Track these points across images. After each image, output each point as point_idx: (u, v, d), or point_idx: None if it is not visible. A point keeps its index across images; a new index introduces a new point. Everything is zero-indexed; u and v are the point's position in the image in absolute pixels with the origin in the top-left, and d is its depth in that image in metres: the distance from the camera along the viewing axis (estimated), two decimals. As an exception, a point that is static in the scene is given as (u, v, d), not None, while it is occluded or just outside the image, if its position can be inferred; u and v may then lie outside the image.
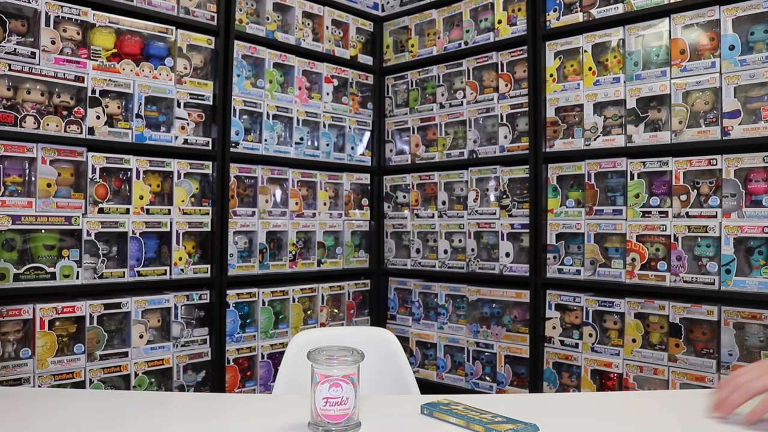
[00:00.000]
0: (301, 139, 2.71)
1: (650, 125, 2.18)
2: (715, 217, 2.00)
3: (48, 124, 1.95)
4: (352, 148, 2.95)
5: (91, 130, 2.04)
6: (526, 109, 2.49)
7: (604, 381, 2.26)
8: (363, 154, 3.01)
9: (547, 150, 2.43)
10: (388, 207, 3.03)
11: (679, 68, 2.09)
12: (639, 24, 2.20)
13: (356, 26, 2.98)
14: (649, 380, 2.12)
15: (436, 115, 2.84)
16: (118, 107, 2.14)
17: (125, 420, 0.97)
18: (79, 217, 2.01)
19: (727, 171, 1.98)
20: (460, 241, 2.72)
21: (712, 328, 2.01)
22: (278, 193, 2.65)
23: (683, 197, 2.08)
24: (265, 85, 2.55)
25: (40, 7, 1.93)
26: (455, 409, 0.94)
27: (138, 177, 2.16)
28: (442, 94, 2.82)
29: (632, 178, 2.19)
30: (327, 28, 2.82)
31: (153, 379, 2.19)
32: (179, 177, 2.28)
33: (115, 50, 2.12)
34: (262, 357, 2.50)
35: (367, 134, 3.03)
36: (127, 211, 2.13)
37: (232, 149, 2.43)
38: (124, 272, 2.11)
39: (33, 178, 1.94)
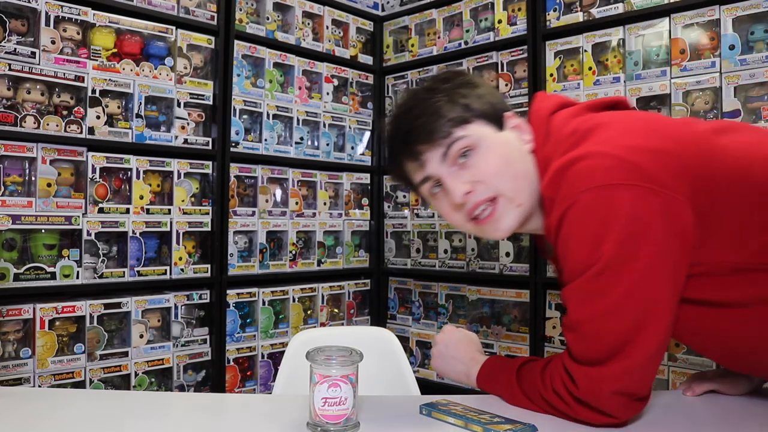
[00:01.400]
0: (301, 138, 2.71)
1: (650, 125, 2.17)
2: (715, 216, 2.00)
3: (48, 124, 1.95)
4: (352, 148, 2.95)
5: (91, 130, 2.04)
6: (527, 108, 2.49)
7: (604, 381, 2.25)
8: (363, 154, 3.01)
9: (547, 150, 2.43)
10: (388, 207, 3.03)
11: (679, 68, 2.09)
12: (639, 24, 2.20)
13: (356, 26, 2.98)
14: (649, 380, 2.11)
15: (436, 114, 2.83)
16: (118, 107, 2.14)
17: (125, 420, 0.97)
18: (79, 216, 2.01)
19: (727, 171, 1.98)
20: (460, 240, 2.72)
21: (712, 328, 2.01)
22: (278, 192, 2.65)
23: (683, 197, 2.08)
24: (265, 84, 2.55)
25: (40, 6, 1.93)
26: (454, 410, 0.95)
27: (138, 177, 2.16)
28: (442, 94, 2.81)
29: (632, 177, 2.19)
30: (327, 27, 2.82)
31: (153, 379, 2.19)
32: (179, 177, 2.28)
33: (115, 50, 2.12)
34: (262, 357, 2.50)
35: (367, 134, 3.03)
36: (127, 211, 2.13)
37: (232, 149, 2.43)
38: (124, 272, 2.11)
39: (33, 178, 1.94)
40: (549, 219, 0.90)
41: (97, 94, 2.06)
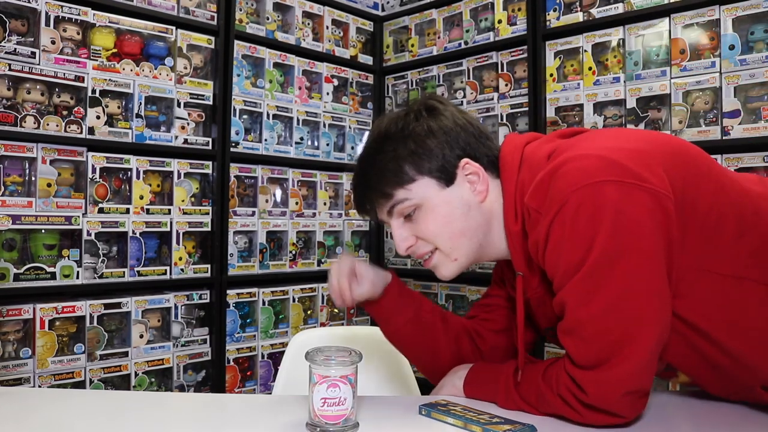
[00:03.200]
0: (301, 138, 2.71)
1: (650, 125, 2.17)
2: (715, 217, 2.00)
3: (48, 124, 1.95)
4: (352, 148, 2.95)
5: (91, 130, 2.04)
6: (526, 108, 2.49)
7: (603, 381, 2.25)
8: (363, 154, 3.01)
9: (547, 150, 2.43)
10: (388, 207, 3.03)
11: (679, 68, 2.09)
12: (639, 24, 2.20)
13: (356, 26, 2.98)
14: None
15: (436, 114, 2.83)
16: (118, 107, 2.14)
17: (125, 420, 0.97)
18: (79, 216, 2.01)
19: (727, 171, 1.98)
20: (460, 240, 2.72)
21: (711, 328, 2.00)
22: (278, 192, 2.65)
23: (683, 197, 2.08)
24: (265, 84, 2.55)
25: (40, 6, 1.94)
26: (453, 410, 0.94)
27: (138, 177, 2.16)
28: (442, 94, 2.82)
29: (632, 177, 2.19)
30: (327, 27, 2.82)
31: (153, 379, 2.19)
32: (179, 177, 2.28)
33: (115, 50, 2.13)
34: (262, 357, 2.50)
35: (367, 134, 3.03)
36: (127, 211, 2.13)
37: (232, 149, 2.43)
38: (124, 272, 2.11)
39: (33, 178, 1.94)
40: (537, 229, 0.90)
41: (97, 94, 2.06)
